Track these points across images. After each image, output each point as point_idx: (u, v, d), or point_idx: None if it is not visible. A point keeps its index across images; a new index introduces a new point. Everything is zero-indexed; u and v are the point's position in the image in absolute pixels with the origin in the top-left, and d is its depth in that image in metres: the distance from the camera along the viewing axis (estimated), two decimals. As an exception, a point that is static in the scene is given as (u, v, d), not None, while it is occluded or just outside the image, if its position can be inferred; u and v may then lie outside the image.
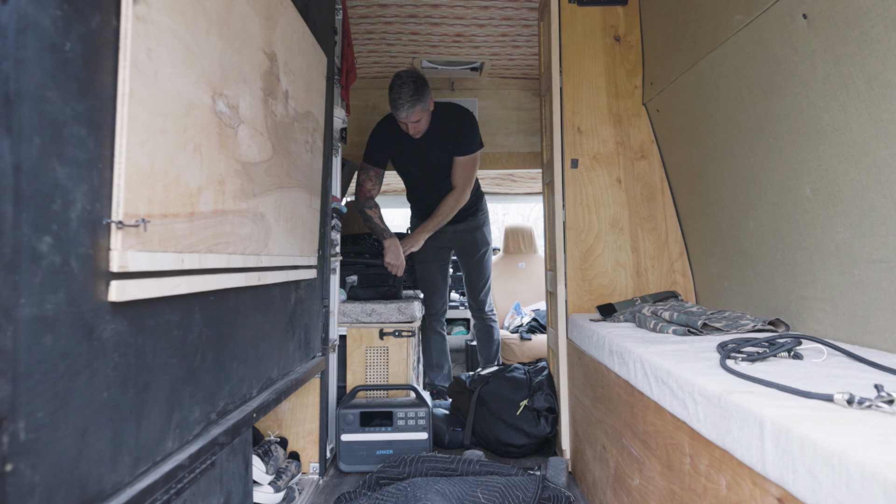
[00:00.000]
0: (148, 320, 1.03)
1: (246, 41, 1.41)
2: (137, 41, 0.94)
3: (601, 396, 1.93)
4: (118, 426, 0.95)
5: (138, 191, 0.95)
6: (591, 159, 2.64)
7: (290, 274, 1.88)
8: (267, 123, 1.59)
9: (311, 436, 2.39)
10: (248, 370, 1.54)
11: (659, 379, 1.34)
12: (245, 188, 1.44)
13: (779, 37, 1.55)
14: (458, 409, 2.95)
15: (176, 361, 1.14)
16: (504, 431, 2.71)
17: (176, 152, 1.08)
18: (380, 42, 3.59)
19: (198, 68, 1.16)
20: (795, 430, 0.82)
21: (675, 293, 2.43)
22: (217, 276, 1.28)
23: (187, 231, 1.13)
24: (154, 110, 1.00)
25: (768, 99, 1.67)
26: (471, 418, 2.83)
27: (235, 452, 1.40)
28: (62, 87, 0.80)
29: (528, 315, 4.78)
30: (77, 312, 0.84)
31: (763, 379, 1.09)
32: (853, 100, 1.35)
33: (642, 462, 1.49)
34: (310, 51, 2.02)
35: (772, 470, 0.87)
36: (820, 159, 1.51)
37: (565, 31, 2.66)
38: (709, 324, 1.77)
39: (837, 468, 0.73)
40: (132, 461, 0.99)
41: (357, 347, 2.90)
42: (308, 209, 2.08)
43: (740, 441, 0.97)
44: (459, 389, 2.96)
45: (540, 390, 2.69)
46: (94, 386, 0.88)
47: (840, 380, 1.10)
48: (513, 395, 2.74)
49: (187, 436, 1.19)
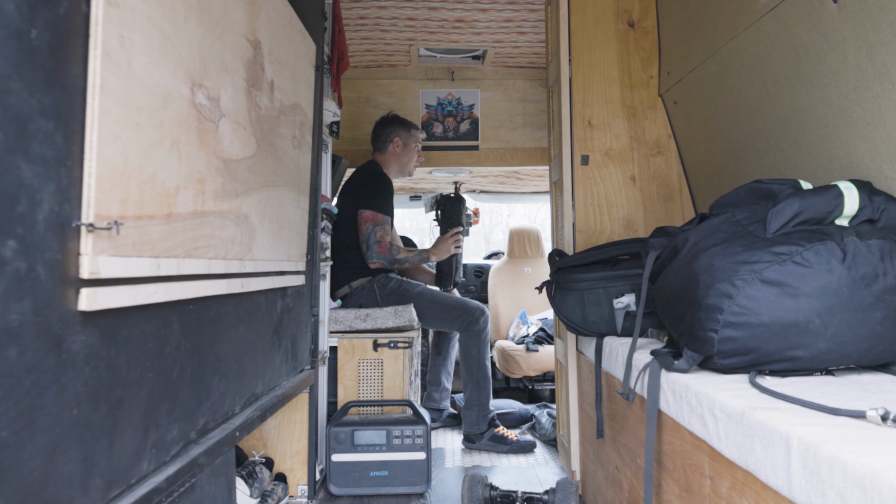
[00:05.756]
0: (121, 331, 1.03)
1: (228, 27, 1.42)
2: (109, 28, 0.94)
3: (613, 413, 1.93)
4: (89, 446, 0.95)
5: (110, 190, 0.96)
6: (603, 155, 2.64)
7: (277, 280, 1.88)
8: (251, 117, 1.59)
9: (299, 456, 2.38)
10: (230, 385, 1.54)
11: (676, 393, 1.34)
12: (227, 187, 1.44)
13: (807, 22, 1.55)
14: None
15: (152, 376, 1.14)
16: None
17: (151, 148, 1.08)
18: (374, 28, 3.60)
19: (175, 57, 1.16)
20: (824, 450, 0.82)
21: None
22: (197, 283, 1.28)
23: (164, 234, 1.13)
24: (127, 103, 1.00)
25: (795, 90, 1.67)
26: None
27: (217, 474, 1.40)
28: (27, 79, 0.80)
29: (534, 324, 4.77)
30: (44, 323, 0.84)
31: (788, 395, 1.09)
32: (887, 91, 1.35)
33: (658, 484, 1.49)
34: (297, 38, 2.02)
35: (799, 493, 0.87)
36: (851, 155, 1.51)
37: (575, 15, 2.66)
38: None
39: (870, 491, 0.73)
40: (104, 484, 0.99)
41: (349, 360, 2.90)
42: (296, 210, 2.08)
43: (765, 462, 0.97)
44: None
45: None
46: (63, 403, 0.88)
47: (873, 395, 1.10)
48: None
49: (164, 456, 1.19)
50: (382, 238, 3.28)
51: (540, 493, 2.35)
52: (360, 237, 3.29)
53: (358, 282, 3.31)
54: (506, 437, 3.33)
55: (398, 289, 3.29)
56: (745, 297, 1.28)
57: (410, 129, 3.56)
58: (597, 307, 2.06)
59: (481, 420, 3.35)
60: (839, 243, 1.28)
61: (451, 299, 3.38)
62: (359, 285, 3.30)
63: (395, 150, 3.52)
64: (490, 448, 3.32)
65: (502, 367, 4.51)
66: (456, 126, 4.21)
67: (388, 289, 3.28)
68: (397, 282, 3.32)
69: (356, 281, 3.31)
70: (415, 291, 3.30)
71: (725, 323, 1.30)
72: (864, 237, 1.29)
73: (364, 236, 3.27)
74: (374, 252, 3.25)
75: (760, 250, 1.31)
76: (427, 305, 3.30)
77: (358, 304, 3.25)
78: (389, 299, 3.26)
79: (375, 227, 3.28)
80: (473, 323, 3.34)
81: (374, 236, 3.27)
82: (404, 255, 3.33)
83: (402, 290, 3.29)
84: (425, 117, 4.18)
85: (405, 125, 3.55)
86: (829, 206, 1.34)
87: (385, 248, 3.27)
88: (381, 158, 3.54)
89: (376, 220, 3.29)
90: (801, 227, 1.34)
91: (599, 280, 2.06)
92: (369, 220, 3.28)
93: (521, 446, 3.30)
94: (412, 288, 3.32)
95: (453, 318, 3.35)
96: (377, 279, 3.31)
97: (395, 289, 3.29)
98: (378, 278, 3.31)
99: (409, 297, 3.27)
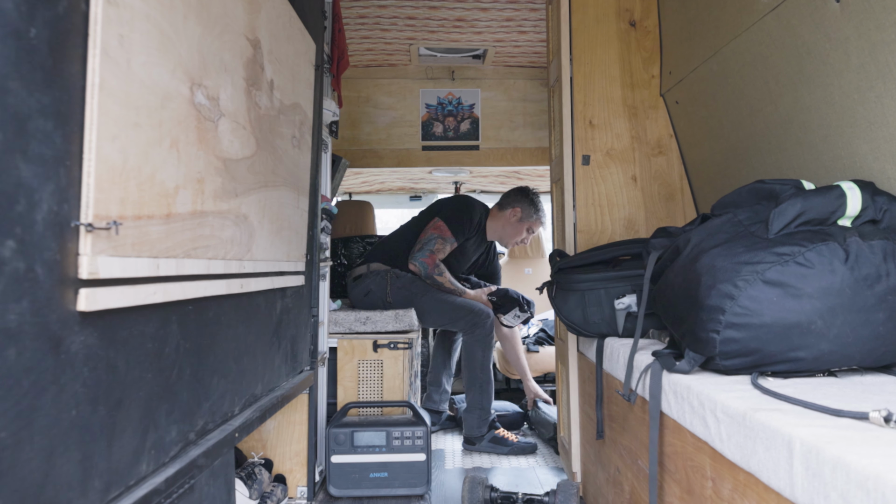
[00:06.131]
0: (120, 332, 1.03)
1: (227, 26, 1.42)
2: (108, 27, 0.94)
3: (614, 414, 1.93)
4: (88, 447, 0.95)
5: (109, 190, 0.96)
6: (604, 155, 2.65)
7: (276, 281, 1.88)
8: (250, 116, 1.59)
9: (298, 457, 2.39)
10: (229, 386, 1.54)
11: (678, 395, 1.34)
12: (226, 187, 1.44)
13: (809, 22, 1.56)
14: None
15: (151, 377, 1.14)
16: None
17: (150, 148, 1.08)
18: (373, 27, 3.60)
19: (174, 56, 1.16)
20: (827, 452, 0.82)
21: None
22: (196, 284, 1.29)
23: (163, 234, 1.13)
24: (126, 102, 1.00)
25: (797, 90, 1.68)
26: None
27: (216, 475, 1.40)
28: (26, 78, 0.80)
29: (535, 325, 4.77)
30: (43, 323, 0.84)
31: (791, 396, 1.09)
32: (890, 90, 1.36)
33: (660, 486, 1.49)
34: (297, 37, 2.02)
35: (801, 495, 0.88)
36: (854, 155, 1.51)
37: (576, 14, 2.66)
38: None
39: (873, 493, 0.73)
40: (103, 485, 0.99)
41: (349, 361, 2.90)
42: (295, 210, 2.08)
43: (767, 463, 0.97)
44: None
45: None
46: (62, 403, 0.88)
47: (876, 396, 1.10)
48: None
49: (163, 458, 1.19)
50: (437, 251, 3.33)
51: (540, 495, 2.35)
52: (422, 237, 3.34)
53: (377, 265, 3.36)
54: (506, 438, 3.33)
55: (410, 284, 3.31)
56: (748, 298, 1.29)
57: (537, 213, 3.62)
58: (598, 308, 2.06)
59: (482, 423, 3.35)
60: (842, 244, 1.28)
61: (459, 300, 3.39)
62: (376, 269, 3.34)
63: (510, 217, 3.58)
64: (490, 450, 3.33)
65: (503, 367, 4.51)
66: (456, 126, 4.21)
67: (400, 282, 3.31)
68: (410, 278, 3.34)
69: (375, 264, 3.36)
70: (423, 288, 3.33)
71: (727, 324, 1.30)
72: (867, 238, 1.29)
73: (424, 238, 3.33)
74: (423, 256, 3.30)
75: (763, 251, 1.31)
76: (435, 304, 3.31)
77: (367, 289, 3.27)
78: (398, 294, 3.28)
79: (438, 238, 3.33)
80: (479, 326, 3.35)
81: (432, 245, 3.32)
82: (442, 280, 3.36)
83: (413, 287, 3.31)
84: (425, 117, 4.18)
85: (534, 206, 3.60)
86: (831, 206, 1.35)
87: (433, 260, 3.32)
88: (495, 213, 3.62)
89: (443, 235, 3.35)
90: (804, 227, 1.34)
91: (600, 281, 2.06)
92: (438, 229, 3.35)
93: (522, 448, 3.30)
94: (422, 285, 3.34)
95: (459, 318, 3.36)
96: (392, 270, 3.33)
97: (407, 284, 3.31)
98: (394, 270, 3.33)
99: (418, 293, 3.28)
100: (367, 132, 4.15)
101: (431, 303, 3.30)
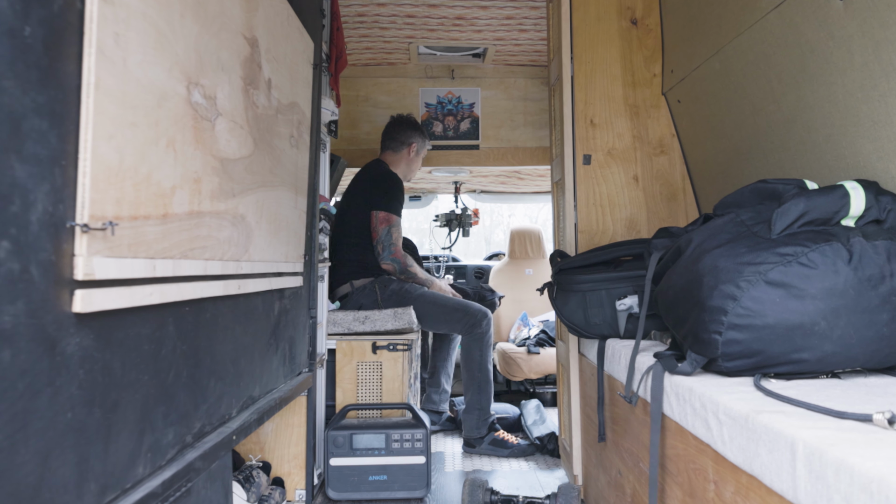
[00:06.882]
0: (116, 333, 1.03)
1: (224, 24, 1.42)
2: (104, 25, 0.94)
3: (616, 416, 1.93)
4: (84, 450, 0.95)
5: (105, 190, 0.96)
6: (606, 155, 2.64)
7: (274, 282, 1.88)
8: (247, 116, 1.59)
9: (296, 460, 2.38)
10: (227, 388, 1.54)
11: (680, 396, 1.34)
12: (223, 187, 1.44)
13: (812, 20, 1.56)
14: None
15: (147, 379, 1.14)
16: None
17: (147, 148, 1.08)
18: (372, 26, 3.60)
19: (171, 55, 1.16)
20: (830, 455, 0.82)
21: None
22: (193, 285, 1.28)
23: (160, 235, 1.13)
24: (123, 101, 1.00)
25: (800, 88, 1.68)
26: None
27: (213, 479, 1.40)
28: (21, 77, 0.80)
29: (535, 326, 4.77)
30: (38, 325, 0.84)
31: (793, 398, 1.09)
32: (894, 89, 1.35)
33: (662, 489, 1.49)
34: (295, 35, 2.02)
35: (804, 498, 0.87)
36: (857, 155, 1.51)
37: (577, 12, 2.66)
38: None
39: (876, 496, 0.73)
40: (99, 489, 0.99)
41: (347, 362, 2.90)
42: (293, 210, 2.08)
43: (770, 466, 0.97)
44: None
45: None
46: (57, 406, 0.88)
47: (880, 398, 1.10)
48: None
49: (160, 460, 1.19)
50: (397, 241, 3.33)
51: (541, 498, 2.35)
52: (375, 238, 3.32)
53: (360, 281, 3.31)
54: (506, 440, 3.33)
55: (400, 290, 3.29)
56: (750, 299, 1.28)
57: (426, 139, 3.65)
58: (599, 309, 2.06)
59: (482, 424, 3.35)
60: (845, 244, 1.28)
61: (453, 301, 3.38)
62: (361, 285, 3.30)
63: (409, 154, 3.58)
64: (490, 452, 3.32)
65: (503, 369, 4.51)
66: (456, 125, 4.21)
67: (390, 290, 3.29)
68: (399, 283, 3.32)
69: (358, 280, 3.32)
70: (416, 293, 3.31)
71: (730, 325, 1.30)
72: (871, 238, 1.29)
73: (379, 237, 3.31)
74: (390, 254, 3.29)
75: (765, 251, 1.31)
76: (429, 308, 3.30)
77: (358, 304, 3.25)
78: (391, 301, 3.27)
79: (391, 229, 3.32)
80: (476, 326, 3.34)
81: (391, 238, 3.31)
82: (414, 270, 3.37)
83: (403, 292, 3.29)
84: (425, 116, 4.18)
85: (423, 134, 3.62)
86: (834, 206, 1.34)
87: (400, 253, 3.32)
88: (392, 158, 3.57)
89: (391, 222, 3.33)
90: (807, 227, 1.34)
91: (602, 281, 2.06)
92: (384, 221, 3.32)
93: (522, 450, 3.30)
94: (414, 290, 3.32)
95: (455, 320, 3.36)
96: (379, 280, 3.31)
97: (397, 290, 3.29)
98: (381, 279, 3.32)
99: (410, 298, 3.27)
100: (366, 131, 4.15)
101: (426, 307, 3.29)
